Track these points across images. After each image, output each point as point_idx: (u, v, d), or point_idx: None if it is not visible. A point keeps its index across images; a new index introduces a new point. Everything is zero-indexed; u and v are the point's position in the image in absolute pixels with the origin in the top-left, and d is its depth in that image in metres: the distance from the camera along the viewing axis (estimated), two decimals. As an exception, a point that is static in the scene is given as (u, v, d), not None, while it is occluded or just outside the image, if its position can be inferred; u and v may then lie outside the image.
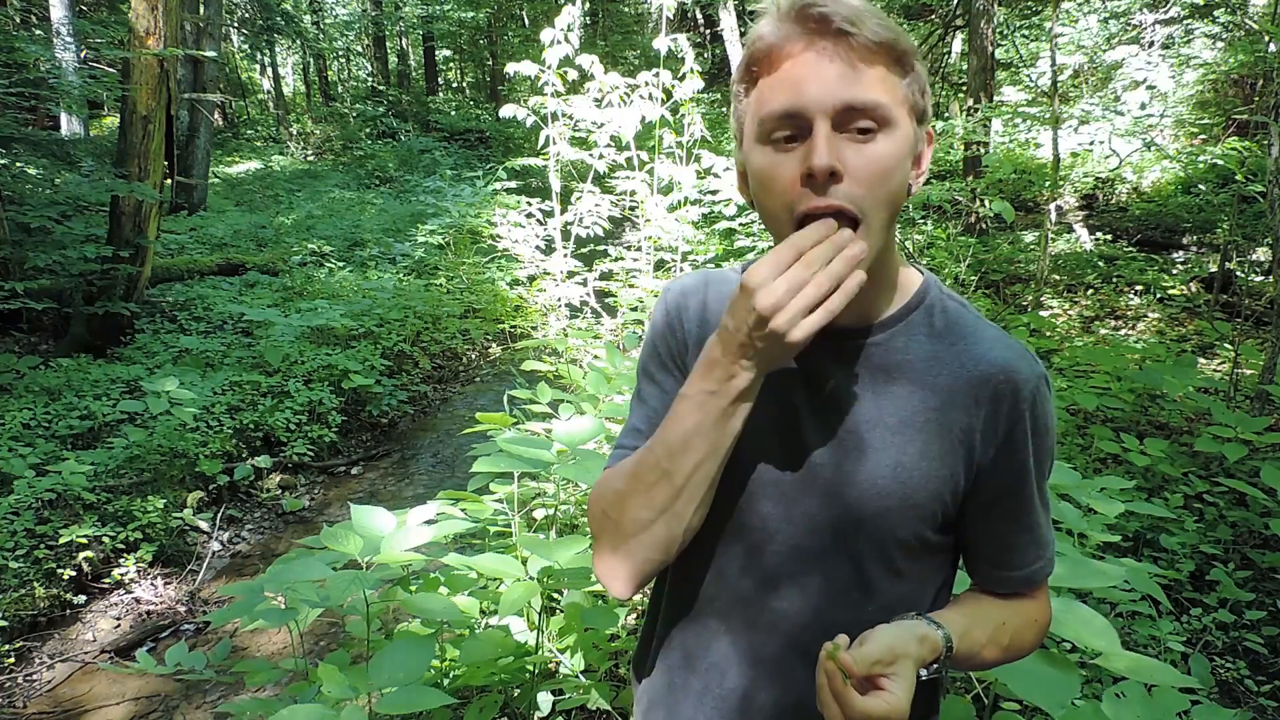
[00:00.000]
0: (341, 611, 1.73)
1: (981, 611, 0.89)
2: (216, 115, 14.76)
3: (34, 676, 3.02)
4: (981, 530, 0.90)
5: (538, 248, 7.77)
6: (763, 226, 0.86)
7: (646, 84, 6.07)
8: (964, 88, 8.48)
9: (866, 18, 0.73)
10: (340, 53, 20.61)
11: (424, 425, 5.59)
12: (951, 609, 0.89)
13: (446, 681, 1.98)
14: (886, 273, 0.86)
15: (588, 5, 18.00)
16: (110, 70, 8.73)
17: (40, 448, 3.88)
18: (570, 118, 6.41)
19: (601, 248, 7.28)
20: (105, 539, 3.56)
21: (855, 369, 0.86)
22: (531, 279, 7.59)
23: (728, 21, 10.44)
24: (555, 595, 2.15)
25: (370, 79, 20.72)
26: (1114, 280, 6.89)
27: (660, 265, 6.87)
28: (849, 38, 0.73)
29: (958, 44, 10.72)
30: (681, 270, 6.52)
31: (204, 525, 3.99)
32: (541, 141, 6.35)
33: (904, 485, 0.84)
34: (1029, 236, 7.86)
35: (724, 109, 14.21)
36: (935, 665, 0.81)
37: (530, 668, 1.96)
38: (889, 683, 0.74)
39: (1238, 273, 6.10)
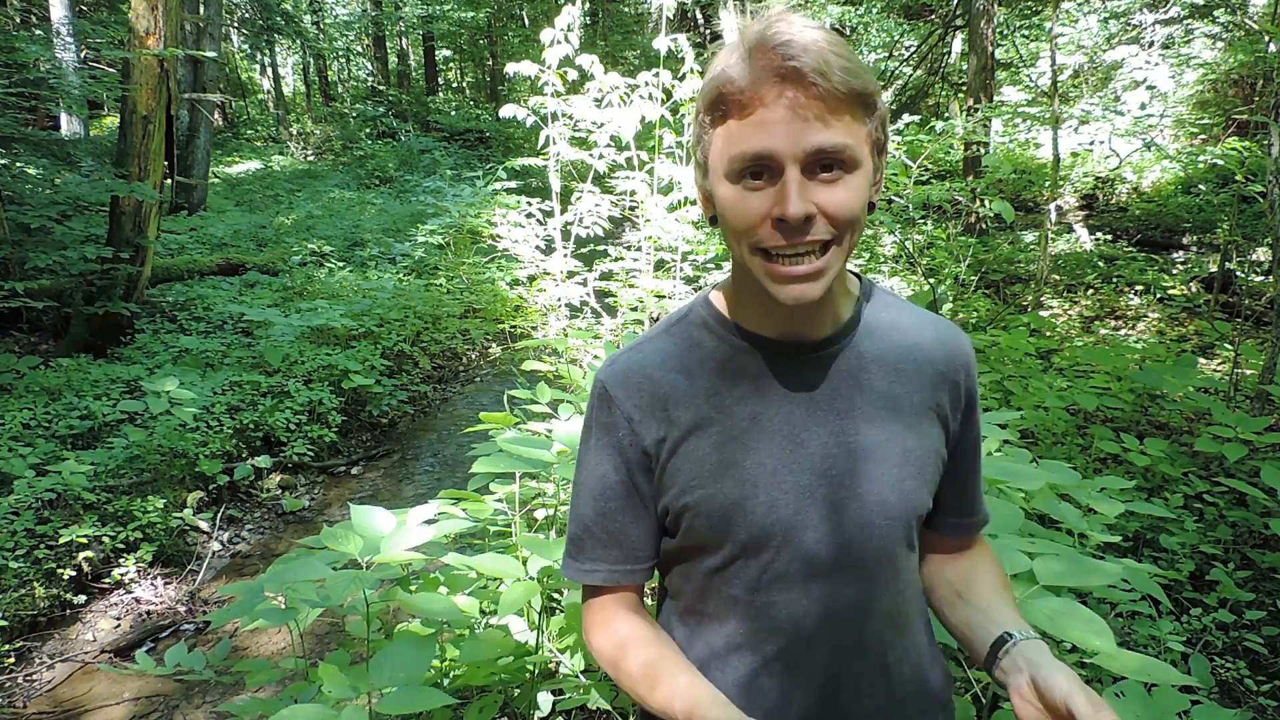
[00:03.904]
0: (341, 611, 1.73)
1: (999, 594, 0.98)
2: (216, 115, 14.76)
3: (34, 676, 3.02)
4: (949, 486, 0.99)
5: (538, 248, 7.77)
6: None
7: (646, 84, 6.07)
8: (964, 88, 8.48)
9: (834, 64, 0.75)
10: (340, 53, 20.61)
11: (424, 425, 5.59)
12: (1001, 610, 0.94)
13: (446, 681, 1.98)
14: (843, 280, 0.93)
15: (588, 5, 17.99)
16: (110, 70, 8.74)
17: (40, 448, 3.88)
18: (570, 118, 6.40)
19: (601, 248, 7.28)
20: (105, 539, 3.56)
21: (841, 373, 0.91)
22: (531, 279, 7.60)
23: (728, 21, 10.43)
24: (555, 595, 2.15)
25: (370, 79, 20.73)
26: (1114, 280, 6.88)
27: (660, 265, 6.87)
28: (818, 87, 0.75)
29: (958, 44, 10.71)
30: (681, 270, 6.52)
31: (204, 525, 3.99)
32: (541, 141, 6.35)
33: (912, 467, 0.92)
34: (1029, 236, 7.86)
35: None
36: None
37: (530, 668, 1.96)
38: (1104, 714, 0.75)
39: (1238, 273, 6.10)
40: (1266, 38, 4.66)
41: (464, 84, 23.22)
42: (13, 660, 3.06)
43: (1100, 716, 0.74)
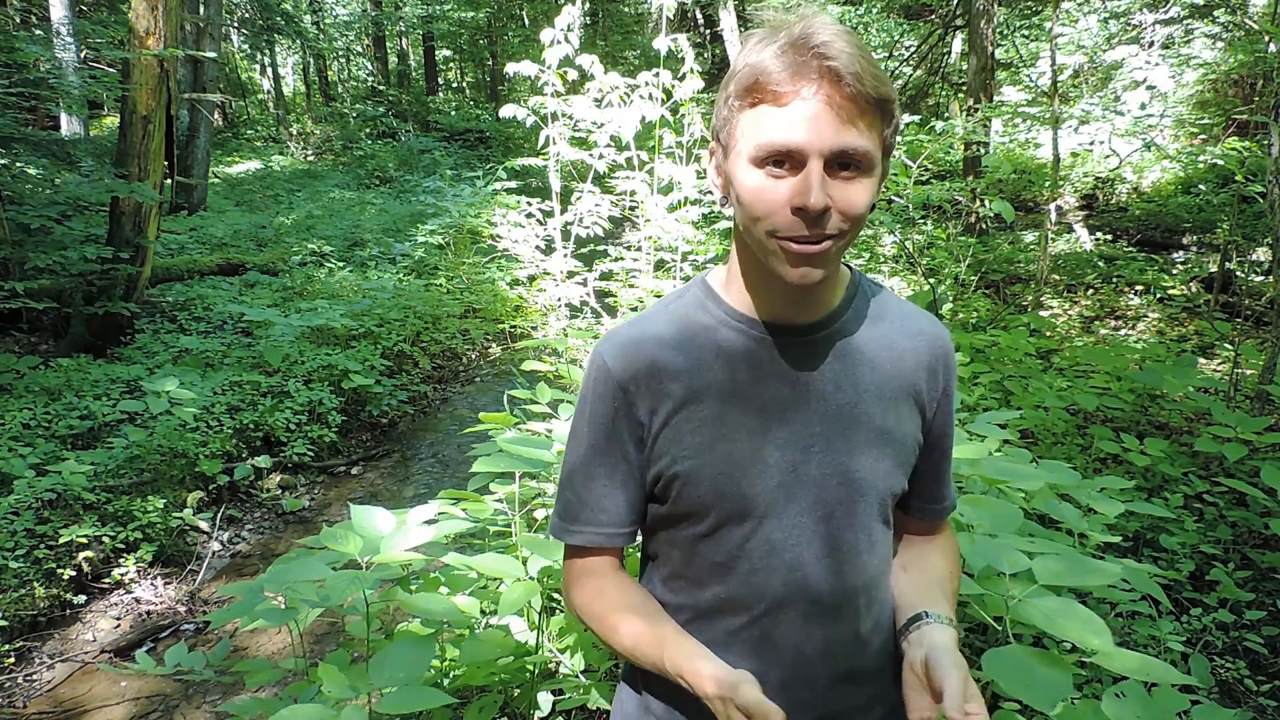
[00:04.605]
0: (341, 611, 1.73)
1: (937, 578, 1.04)
2: (216, 115, 14.77)
3: (34, 676, 3.02)
4: (921, 471, 1.05)
5: (538, 248, 7.77)
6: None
7: (646, 84, 6.07)
8: (964, 88, 8.48)
9: (867, 71, 0.81)
10: (340, 53, 20.62)
11: (424, 425, 5.59)
12: (928, 593, 1.00)
13: (446, 681, 1.98)
14: (837, 270, 0.98)
15: (588, 5, 17.99)
16: (110, 70, 8.73)
17: (40, 448, 3.88)
18: (570, 118, 6.41)
19: (601, 248, 7.28)
20: (105, 539, 3.56)
21: (827, 357, 0.97)
22: (531, 279, 7.60)
23: (728, 21, 10.45)
24: (555, 595, 2.15)
25: (370, 79, 20.72)
26: (1114, 280, 6.88)
27: (660, 265, 6.87)
28: (852, 89, 0.80)
29: (958, 44, 10.71)
30: (681, 270, 6.52)
31: (204, 525, 3.99)
32: (541, 141, 6.35)
33: (891, 448, 0.97)
34: (1029, 236, 7.86)
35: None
36: None
37: (530, 668, 1.96)
38: (972, 705, 0.81)
39: (1238, 273, 6.10)
40: (1266, 38, 4.65)
41: (464, 84, 23.21)
42: (13, 660, 3.06)
43: (966, 707, 0.80)
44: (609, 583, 1.03)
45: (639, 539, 1.09)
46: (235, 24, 13.24)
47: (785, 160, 0.82)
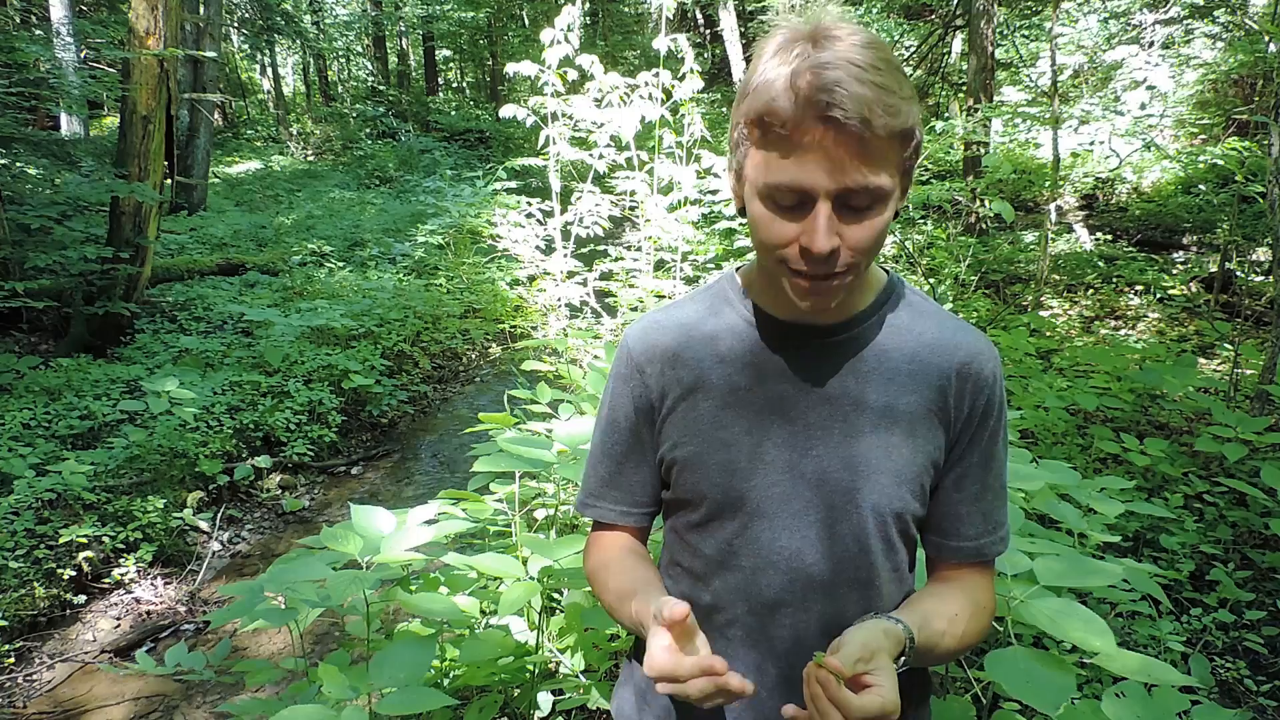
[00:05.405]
0: (341, 611, 1.73)
1: (935, 605, 0.94)
2: (216, 115, 14.76)
3: (34, 676, 3.02)
4: (940, 499, 0.98)
5: (538, 248, 7.77)
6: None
7: (646, 84, 6.06)
8: (964, 88, 8.48)
9: (877, 110, 0.76)
10: (340, 53, 20.61)
11: (424, 425, 5.58)
12: (906, 608, 0.93)
13: (446, 681, 1.98)
14: (864, 275, 0.94)
15: (588, 5, 17.99)
16: (110, 70, 8.73)
17: (40, 448, 3.88)
18: (570, 118, 6.40)
19: (601, 248, 7.28)
20: (105, 539, 3.55)
21: (841, 361, 0.94)
22: (531, 279, 7.59)
23: (728, 21, 10.45)
24: (555, 595, 2.15)
25: (370, 79, 20.73)
26: (1114, 280, 6.88)
27: (660, 265, 6.87)
28: (859, 136, 0.77)
29: (958, 44, 10.71)
30: (681, 270, 6.52)
31: (204, 525, 3.99)
32: (541, 141, 6.34)
33: (895, 463, 0.92)
34: (1029, 236, 7.86)
35: (724, 109, 14.23)
36: (902, 659, 0.85)
37: (530, 668, 1.96)
38: (874, 678, 0.78)
39: (1238, 273, 6.10)
40: (1266, 38, 4.65)
41: (464, 84, 23.22)
42: (13, 660, 3.06)
43: (865, 679, 0.77)
44: (613, 553, 1.06)
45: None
46: (235, 24, 13.25)
47: (796, 201, 0.81)
